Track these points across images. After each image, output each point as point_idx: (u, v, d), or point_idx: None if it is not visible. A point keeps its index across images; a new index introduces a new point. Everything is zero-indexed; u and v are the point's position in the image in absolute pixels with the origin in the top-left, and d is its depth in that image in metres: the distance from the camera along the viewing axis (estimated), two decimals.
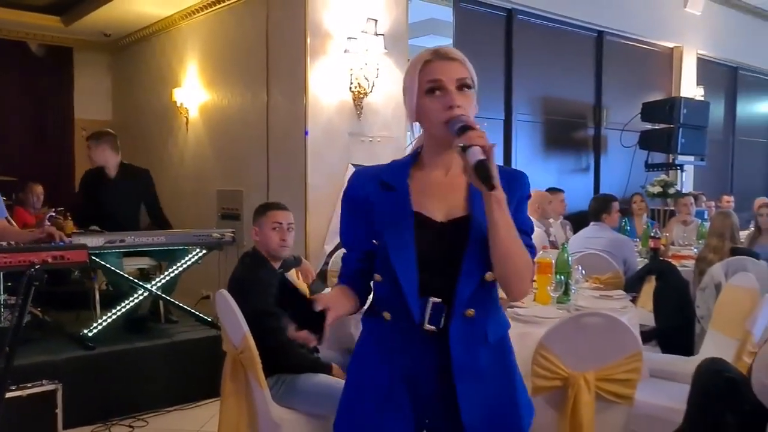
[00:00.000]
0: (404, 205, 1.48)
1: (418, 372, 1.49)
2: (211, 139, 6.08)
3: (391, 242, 1.46)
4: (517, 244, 1.41)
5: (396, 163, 1.58)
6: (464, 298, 1.45)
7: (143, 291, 4.24)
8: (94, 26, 6.95)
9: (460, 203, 1.49)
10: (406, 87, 1.51)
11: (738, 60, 8.99)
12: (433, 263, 1.46)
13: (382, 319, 1.52)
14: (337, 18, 4.86)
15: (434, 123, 1.45)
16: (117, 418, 3.82)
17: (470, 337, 1.47)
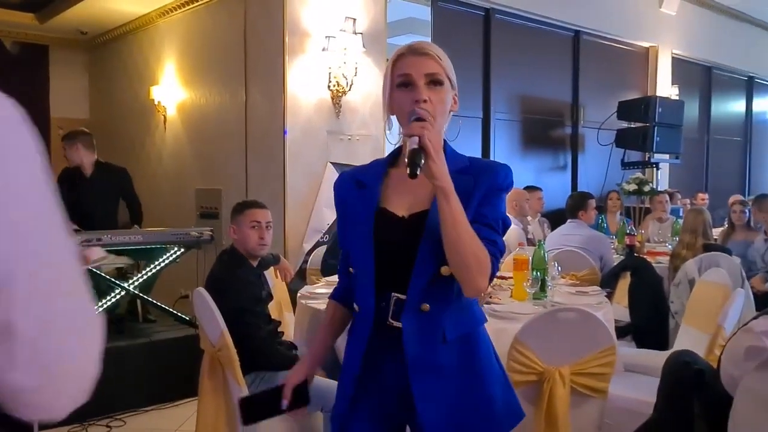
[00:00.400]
0: (371, 202, 1.50)
1: (382, 365, 1.51)
2: (189, 138, 6.05)
3: (353, 238, 1.52)
4: (467, 236, 1.36)
5: (376, 162, 1.62)
6: (417, 291, 1.44)
7: (121, 290, 4.21)
8: (70, 24, 6.88)
9: (425, 197, 1.48)
10: (383, 83, 1.54)
11: (712, 60, 9.12)
12: (392, 257, 1.47)
13: (354, 311, 1.58)
14: (316, 16, 4.86)
15: (403, 116, 1.47)
16: (94, 419, 3.79)
17: (426, 332, 1.45)
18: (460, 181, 1.42)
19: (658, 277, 4.27)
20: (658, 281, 4.23)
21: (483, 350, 1.55)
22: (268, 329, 2.78)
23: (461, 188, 1.41)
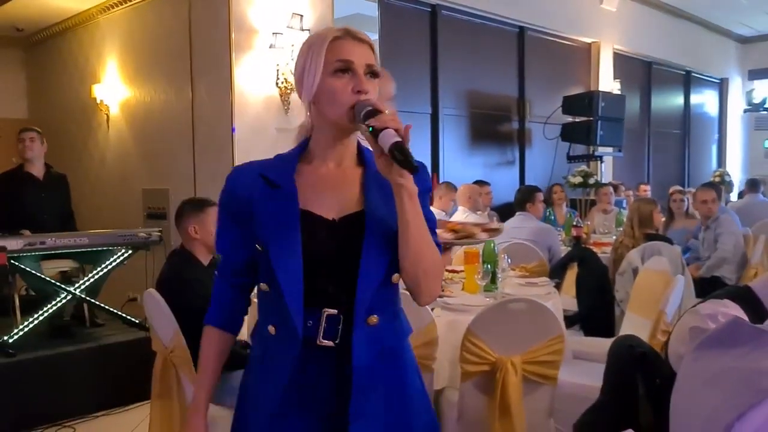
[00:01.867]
0: (290, 203, 1.31)
1: (308, 392, 1.32)
2: (134, 137, 5.92)
3: (274, 247, 1.29)
4: (429, 241, 1.30)
5: (281, 158, 1.40)
6: (366, 304, 1.28)
7: (66, 294, 4.10)
8: (5, 20, 6.64)
9: (354, 198, 1.34)
10: (306, 64, 1.33)
11: (652, 55, 9.41)
12: (326, 267, 1.29)
13: (267, 334, 1.34)
14: (262, 13, 4.83)
15: (338, 106, 1.30)
16: (42, 426, 3.69)
17: (372, 348, 1.30)
18: None
19: (604, 267, 4.40)
20: (603, 271, 4.36)
21: (411, 363, 1.42)
22: None
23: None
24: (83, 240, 4.02)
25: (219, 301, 1.44)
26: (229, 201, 1.39)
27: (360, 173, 1.37)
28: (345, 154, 1.38)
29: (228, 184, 1.39)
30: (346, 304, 1.29)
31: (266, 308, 1.36)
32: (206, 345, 1.43)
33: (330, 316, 1.29)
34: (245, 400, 1.40)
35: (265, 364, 1.35)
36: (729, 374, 1.11)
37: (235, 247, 1.39)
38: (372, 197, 1.33)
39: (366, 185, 1.35)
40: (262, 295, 1.36)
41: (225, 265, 1.43)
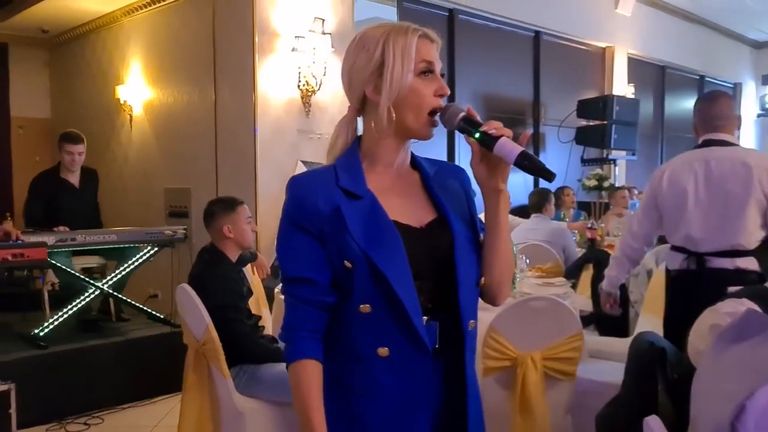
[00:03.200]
0: (380, 215, 1.24)
1: (424, 404, 1.26)
2: (156, 137, 6.04)
3: (381, 259, 1.20)
4: (511, 245, 1.32)
5: (344, 165, 1.30)
6: (470, 309, 1.26)
7: (95, 289, 4.23)
8: (32, 22, 6.78)
9: (425, 205, 1.32)
10: (390, 58, 1.24)
11: (666, 59, 9.45)
12: (424, 275, 1.24)
13: (375, 358, 1.23)
14: (285, 17, 4.94)
15: (421, 109, 1.25)
16: (72, 417, 3.82)
17: (473, 350, 1.31)
18: (455, 186, 1.36)
19: None
20: None
21: None
22: (251, 324, 2.87)
23: (458, 193, 1.35)
24: (112, 237, 4.14)
25: (311, 330, 1.27)
26: (308, 215, 1.25)
27: (418, 178, 1.34)
28: (406, 159, 1.34)
29: (301, 198, 1.27)
30: (438, 310, 1.25)
31: (369, 331, 1.23)
32: (313, 381, 1.25)
33: (430, 322, 1.24)
34: (358, 428, 1.26)
35: (379, 393, 1.24)
36: (743, 361, 1.20)
37: (321, 266, 1.25)
38: (443, 202, 1.30)
39: (431, 191, 1.32)
40: (360, 318, 1.23)
41: (313, 290, 1.26)
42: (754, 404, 1.09)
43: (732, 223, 2.59)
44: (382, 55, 1.24)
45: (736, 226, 2.58)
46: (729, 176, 2.61)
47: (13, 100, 7.53)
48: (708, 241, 2.62)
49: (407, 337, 1.21)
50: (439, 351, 1.25)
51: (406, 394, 1.24)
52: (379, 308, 1.21)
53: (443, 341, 1.25)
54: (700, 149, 2.75)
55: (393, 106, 1.25)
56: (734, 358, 1.23)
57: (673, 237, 2.77)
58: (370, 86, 1.27)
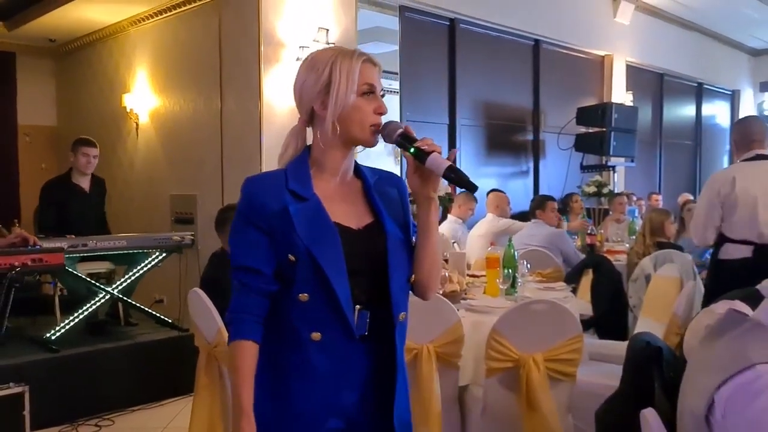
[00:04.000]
0: (323, 216, 1.40)
1: (351, 385, 1.43)
2: (162, 145, 6.14)
3: (321, 255, 1.36)
4: (439, 246, 1.49)
5: (294, 171, 1.45)
6: (400, 302, 1.43)
7: (105, 294, 4.31)
8: (39, 32, 6.88)
9: (364, 210, 1.47)
10: (336, 79, 1.40)
11: (664, 67, 9.55)
12: (359, 271, 1.40)
13: (308, 342, 1.39)
14: (290, 27, 5.03)
15: (364, 125, 1.42)
16: (84, 419, 3.90)
17: (402, 340, 1.47)
18: (392, 194, 1.51)
19: (617, 274, 4.57)
20: (617, 277, 4.52)
21: None
22: None
23: (395, 200, 1.50)
24: (121, 243, 4.24)
25: (253, 316, 1.42)
26: (258, 213, 1.40)
27: (360, 186, 1.50)
28: (350, 167, 1.50)
29: (254, 196, 1.42)
30: (370, 303, 1.41)
31: (305, 317, 1.39)
32: (248, 360, 1.40)
33: (361, 312, 1.40)
34: (286, 409, 1.42)
35: (310, 370, 1.40)
36: (717, 357, 1.29)
37: (267, 258, 1.40)
38: (381, 207, 1.47)
39: (370, 196, 1.48)
40: (299, 305, 1.39)
41: (258, 279, 1.41)
42: (720, 396, 1.18)
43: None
44: (329, 76, 1.41)
45: None
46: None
47: (20, 109, 7.63)
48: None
49: (338, 324, 1.38)
50: (369, 338, 1.42)
51: (335, 374, 1.40)
52: (316, 297, 1.38)
53: (375, 329, 1.42)
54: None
55: (337, 120, 1.41)
56: (711, 354, 1.32)
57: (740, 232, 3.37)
58: (318, 102, 1.43)
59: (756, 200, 3.30)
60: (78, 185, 4.71)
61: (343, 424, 1.44)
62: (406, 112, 6.28)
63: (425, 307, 2.70)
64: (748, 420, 1.14)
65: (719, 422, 1.19)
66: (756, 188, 3.32)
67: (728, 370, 1.21)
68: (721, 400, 1.20)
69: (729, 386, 1.20)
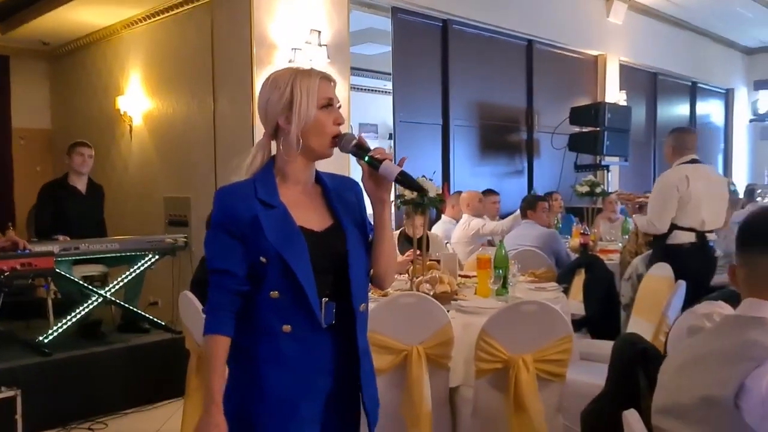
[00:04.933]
0: (289, 221, 1.56)
1: (321, 370, 1.58)
2: (156, 147, 6.14)
3: (290, 257, 1.52)
4: (395, 243, 1.66)
5: (261, 181, 1.59)
6: (360, 295, 1.60)
7: (97, 297, 4.31)
8: (33, 34, 6.88)
9: (325, 212, 1.63)
10: (297, 97, 1.55)
11: (657, 66, 9.58)
12: (324, 268, 1.56)
13: (280, 334, 1.54)
14: (282, 29, 5.05)
15: (324, 136, 1.57)
16: (76, 422, 3.90)
17: (364, 328, 1.63)
18: (350, 197, 1.67)
19: (610, 273, 4.58)
20: (609, 277, 4.53)
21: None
22: None
23: (352, 202, 1.66)
24: (114, 245, 4.24)
25: (225, 313, 1.56)
26: (230, 221, 1.55)
27: (320, 191, 1.66)
28: (311, 176, 1.65)
29: (226, 206, 1.57)
30: (335, 295, 1.58)
31: (276, 312, 1.54)
32: (220, 351, 1.55)
33: (328, 304, 1.57)
34: (256, 395, 1.55)
35: (283, 361, 1.54)
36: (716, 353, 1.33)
37: (239, 261, 1.55)
38: (340, 211, 1.63)
39: (330, 201, 1.64)
40: (270, 302, 1.54)
41: (231, 280, 1.55)
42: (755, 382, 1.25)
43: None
44: (291, 93, 1.56)
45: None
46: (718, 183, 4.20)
47: (14, 112, 7.62)
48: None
49: (307, 317, 1.54)
50: (335, 328, 1.58)
51: (305, 362, 1.56)
52: (286, 294, 1.54)
53: (339, 320, 1.58)
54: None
55: (301, 133, 1.57)
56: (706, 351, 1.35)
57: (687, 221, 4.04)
58: (282, 117, 1.58)
59: (701, 195, 4.04)
60: (74, 187, 4.72)
61: (316, 407, 1.60)
62: (399, 113, 6.29)
63: (415, 308, 2.74)
64: None
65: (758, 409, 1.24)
66: (700, 186, 4.06)
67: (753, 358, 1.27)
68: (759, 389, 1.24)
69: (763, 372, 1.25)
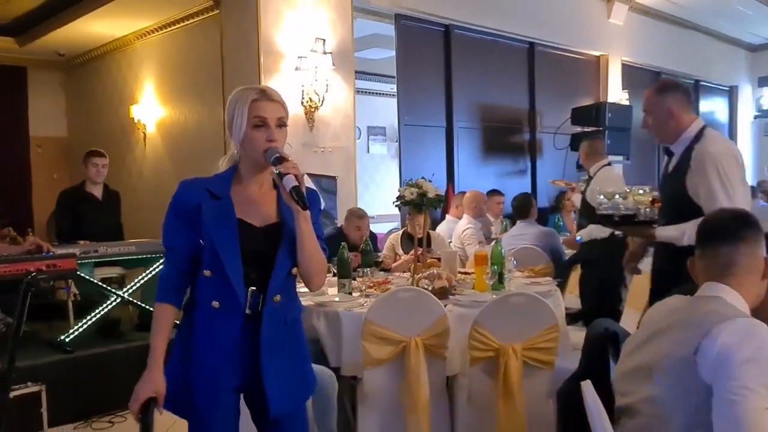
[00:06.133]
0: (229, 212, 1.79)
1: (239, 349, 1.80)
2: (169, 153, 6.37)
3: (220, 242, 1.76)
4: (317, 247, 1.84)
5: (219, 177, 1.87)
6: (275, 286, 1.80)
7: (116, 298, 4.53)
8: (49, 46, 7.16)
9: (272, 212, 1.86)
10: (234, 117, 1.81)
11: (660, 65, 9.66)
12: (253, 260, 1.79)
13: (210, 308, 1.79)
14: (288, 38, 5.25)
15: (256, 150, 1.78)
16: (98, 416, 4.10)
17: (276, 318, 1.82)
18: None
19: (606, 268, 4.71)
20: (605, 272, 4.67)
21: (302, 332, 1.97)
22: None
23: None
24: (131, 248, 4.45)
25: (171, 284, 1.84)
26: (181, 207, 1.82)
27: (275, 195, 1.88)
28: (264, 180, 1.88)
29: (180, 193, 1.84)
30: (262, 286, 1.79)
31: (209, 289, 1.80)
32: (164, 317, 1.84)
33: (254, 292, 1.79)
34: (189, 357, 1.83)
35: (211, 331, 1.80)
36: (681, 322, 1.61)
37: (185, 242, 1.81)
38: (285, 213, 1.83)
39: (280, 204, 1.86)
40: (204, 279, 1.80)
41: (176, 256, 1.84)
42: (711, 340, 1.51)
43: None
44: (231, 114, 1.82)
45: None
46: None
47: (31, 120, 7.91)
48: None
49: (232, 298, 1.77)
50: (256, 314, 1.80)
51: (230, 338, 1.79)
52: (216, 275, 1.78)
53: (259, 306, 1.80)
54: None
55: (241, 146, 1.82)
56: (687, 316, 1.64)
57: None
58: (228, 133, 1.87)
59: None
60: (90, 193, 4.93)
61: (239, 379, 1.83)
62: (404, 116, 6.47)
63: (413, 302, 2.92)
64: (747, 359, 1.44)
65: (709, 365, 1.48)
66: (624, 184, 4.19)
67: (710, 323, 1.53)
68: (711, 348, 1.50)
69: (719, 331, 1.51)
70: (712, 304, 1.62)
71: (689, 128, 2.76)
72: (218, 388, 1.81)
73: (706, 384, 1.48)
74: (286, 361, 1.85)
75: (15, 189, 7.68)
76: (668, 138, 2.84)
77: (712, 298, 1.65)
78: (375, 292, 3.41)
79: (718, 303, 1.62)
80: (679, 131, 2.77)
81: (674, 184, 2.72)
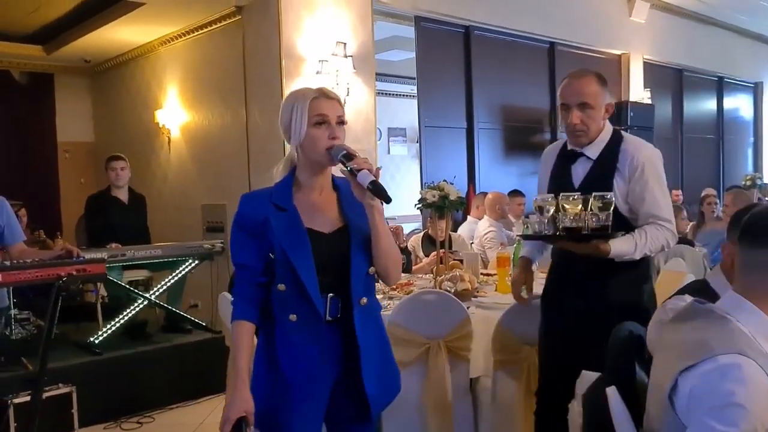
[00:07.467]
0: (298, 223, 1.78)
1: (325, 359, 1.79)
2: (193, 157, 6.45)
3: (293, 256, 1.74)
4: (392, 241, 1.84)
5: (279, 187, 1.84)
6: (359, 289, 1.79)
7: (143, 300, 4.61)
8: (75, 53, 7.27)
9: (336, 217, 1.84)
10: (293, 118, 1.78)
11: (683, 63, 9.58)
12: (326, 267, 1.77)
13: (288, 322, 1.78)
14: (309, 42, 5.29)
15: (318, 150, 1.77)
16: (126, 416, 4.20)
17: (367, 321, 1.82)
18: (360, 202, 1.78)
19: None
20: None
21: (384, 329, 1.95)
22: None
23: (361, 207, 1.77)
24: (157, 251, 4.53)
25: (248, 300, 1.81)
26: (247, 222, 1.81)
27: (335, 197, 1.87)
28: (324, 183, 1.86)
29: (244, 209, 1.84)
30: (342, 291, 1.78)
31: (285, 303, 1.79)
32: (244, 335, 1.80)
33: (332, 299, 1.79)
34: (275, 375, 1.79)
35: (294, 345, 1.78)
36: (686, 340, 1.47)
37: (256, 256, 1.80)
38: (349, 215, 1.83)
39: (342, 206, 1.85)
40: (278, 293, 1.79)
41: (249, 272, 1.81)
42: (684, 382, 1.38)
43: None
44: (290, 115, 1.80)
45: None
46: None
47: (59, 126, 8.04)
48: None
49: (308, 308, 1.76)
50: (338, 321, 1.80)
51: (312, 350, 1.78)
52: (291, 288, 1.77)
53: (343, 314, 1.80)
54: None
55: (300, 148, 1.81)
56: (677, 337, 1.51)
57: None
58: (287, 136, 1.84)
59: None
60: (116, 198, 5.03)
61: (323, 390, 1.82)
62: (424, 118, 6.49)
63: (436, 305, 2.95)
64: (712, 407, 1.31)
65: (683, 407, 1.37)
66: None
67: (692, 357, 1.38)
68: (685, 387, 1.37)
69: (694, 374, 1.37)
70: (712, 329, 1.42)
71: (605, 129, 2.54)
72: (308, 398, 1.80)
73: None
74: (381, 360, 1.86)
75: (43, 193, 7.81)
76: (589, 139, 2.51)
77: (719, 319, 1.43)
78: (398, 294, 3.45)
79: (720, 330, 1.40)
80: (598, 131, 2.51)
81: (598, 190, 2.34)
